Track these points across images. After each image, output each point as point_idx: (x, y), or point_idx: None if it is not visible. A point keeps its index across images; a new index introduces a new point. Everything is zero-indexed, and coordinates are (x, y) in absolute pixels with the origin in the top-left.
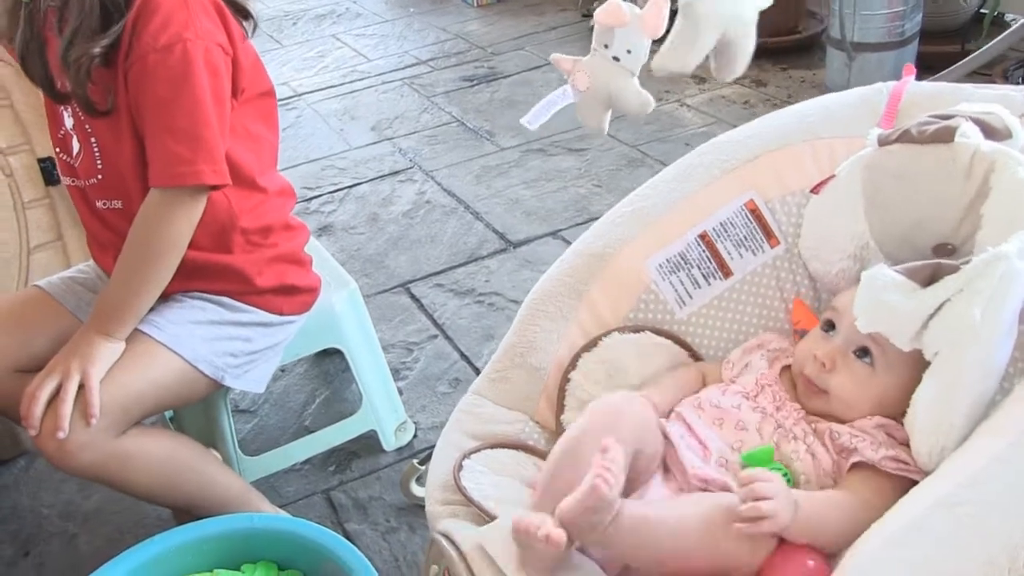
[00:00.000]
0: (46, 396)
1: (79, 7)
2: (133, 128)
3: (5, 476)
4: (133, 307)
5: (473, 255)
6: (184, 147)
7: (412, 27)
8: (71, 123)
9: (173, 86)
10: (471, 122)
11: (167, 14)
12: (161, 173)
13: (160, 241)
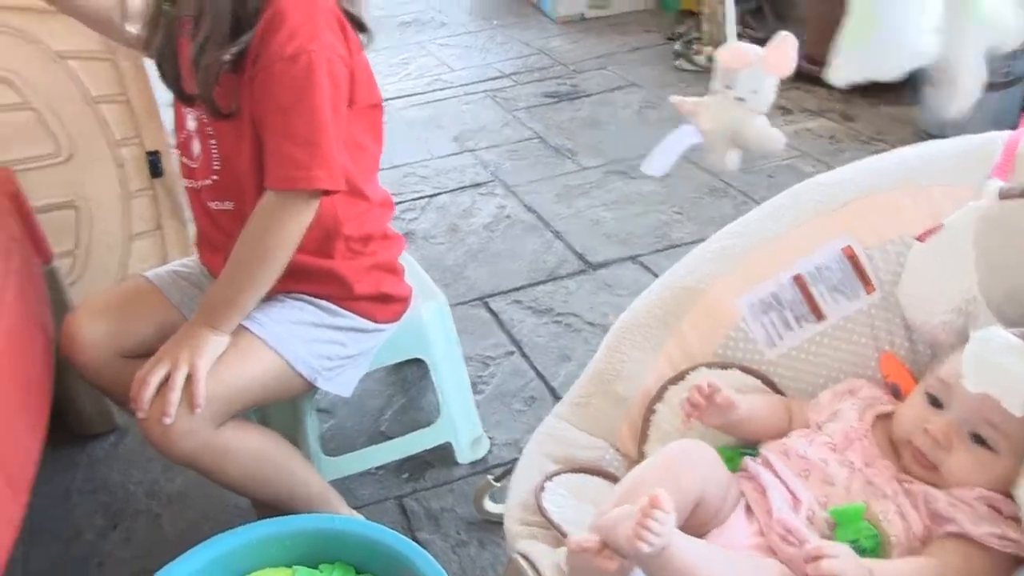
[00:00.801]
0: (156, 382)
1: (212, 17)
2: (253, 132)
3: (97, 450)
4: (240, 303)
5: (552, 274)
6: (301, 152)
7: (495, 39)
8: (194, 125)
9: (295, 94)
10: (553, 139)
11: (294, 26)
12: (277, 176)
13: (271, 241)
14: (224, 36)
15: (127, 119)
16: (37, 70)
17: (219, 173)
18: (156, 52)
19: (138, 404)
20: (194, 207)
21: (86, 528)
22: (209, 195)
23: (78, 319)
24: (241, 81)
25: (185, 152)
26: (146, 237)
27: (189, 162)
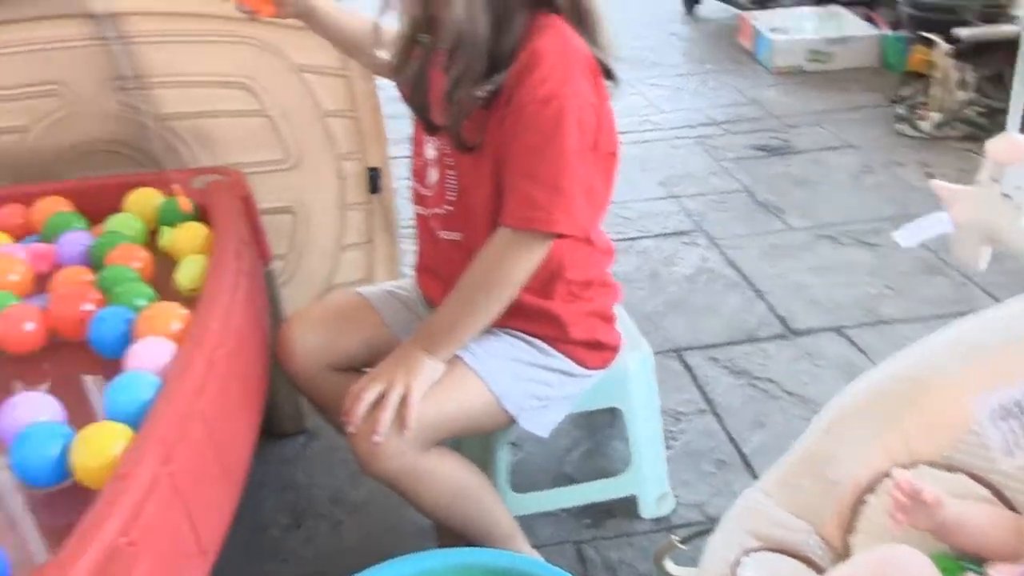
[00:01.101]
0: (371, 399)
1: (469, 53)
2: (494, 167)
3: (287, 449)
4: (460, 333)
5: (752, 335)
6: (544, 194)
7: (707, 84)
8: (433, 155)
9: (544, 137)
10: (761, 194)
11: (549, 70)
12: (516, 215)
13: (500, 277)
14: (479, 73)
15: (353, 135)
16: (276, 80)
17: (453, 204)
18: (408, 81)
19: (350, 419)
20: (420, 233)
21: (271, 523)
22: (439, 224)
23: (294, 327)
24: (489, 117)
25: (419, 179)
26: (356, 249)
27: (422, 189)
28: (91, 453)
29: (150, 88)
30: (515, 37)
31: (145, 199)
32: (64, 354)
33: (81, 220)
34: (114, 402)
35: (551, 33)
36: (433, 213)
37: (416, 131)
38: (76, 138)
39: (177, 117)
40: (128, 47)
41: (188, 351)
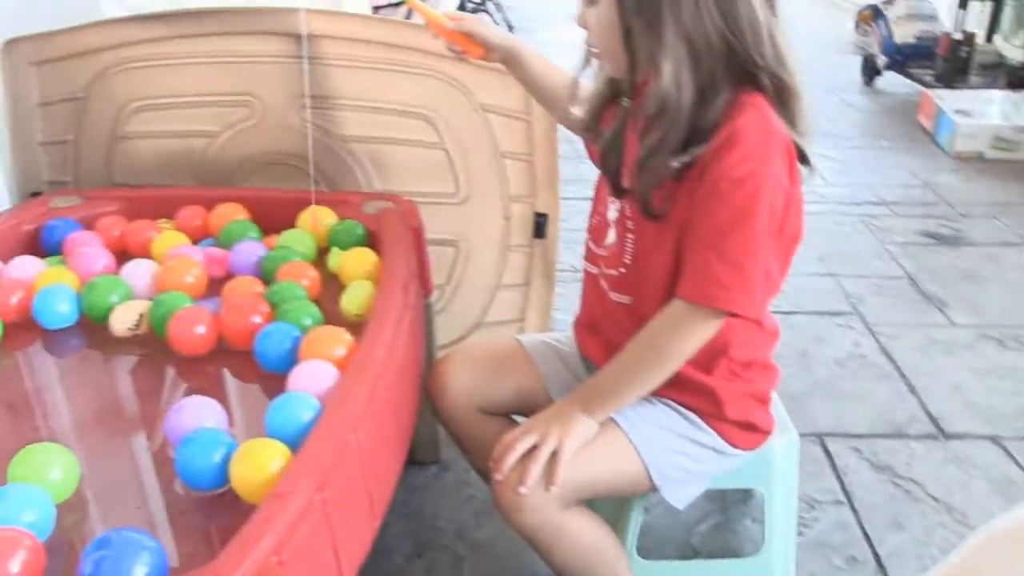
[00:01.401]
0: (522, 450)
1: (670, 123)
2: (677, 238)
3: (418, 477)
4: (621, 398)
5: (899, 431)
6: (727, 273)
7: (880, 161)
8: (614, 216)
9: (735, 215)
10: (924, 284)
11: (748, 149)
12: (695, 289)
13: (670, 348)
14: (677, 144)
15: (526, 178)
16: (458, 116)
17: (628, 267)
18: (604, 142)
19: (499, 467)
20: (587, 290)
21: (395, 549)
22: (610, 284)
23: (450, 365)
24: (679, 188)
25: (596, 238)
26: (512, 290)
27: (597, 248)
28: (250, 467)
29: (335, 109)
30: (717, 112)
31: (319, 217)
32: (229, 361)
33: (256, 230)
34: (275, 420)
35: (753, 112)
36: (606, 273)
37: (599, 190)
38: (258, 149)
39: (357, 140)
40: (319, 68)
41: (351, 379)
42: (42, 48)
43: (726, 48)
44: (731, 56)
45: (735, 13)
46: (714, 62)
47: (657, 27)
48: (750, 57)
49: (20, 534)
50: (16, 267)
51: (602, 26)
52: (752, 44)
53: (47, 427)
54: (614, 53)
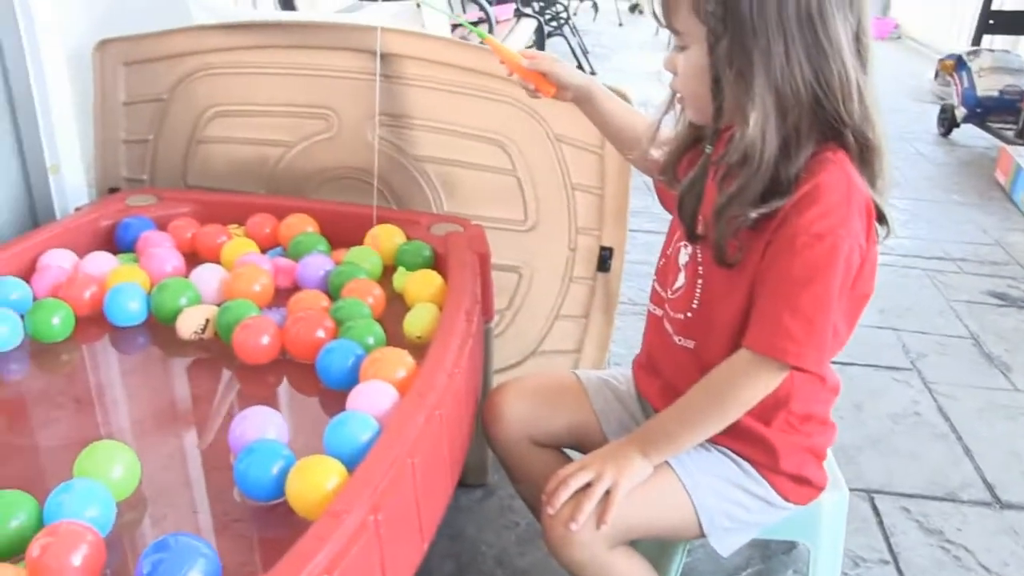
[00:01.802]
0: (576, 487)
1: (751, 173)
2: (748, 288)
3: (463, 500)
4: (679, 442)
5: (952, 494)
6: (798, 328)
7: (950, 216)
8: (685, 260)
9: (810, 271)
10: (989, 346)
11: (828, 206)
12: (764, 341)
13: (733, 397)
14: (756, 194)
15: (594, 211)
16: (532, 145)
17: (695, 312)
18: (682, 187)
19: (551, 501)
20: (651, 331)
21: (436, 570)
22: (675, 328)
23: (506, 394)
24: (755, 238)
25: (663, 280)
26: (571, 321)
27: (663, 291)
28: (307, 483)
29: (410, 128)
30: (799, 165)
31: (387, 235)
32: (290, 372)
33: (326, 244)
34: (334, 438)
35: (835, 169)
36: (671, 317)
37: (670, 233)
38: (331, 162)
39: (429, 160)
40: (397, 86)
41: (411, 403)
42: (132, 49)
43: (814, 102)
44: (818, 111)
45: (826, 68)
46: (801, 116)
47: (747, 77)
48: (837, 113)
49: (84, 529)
50: (91, 262)
51: (691, 72)
52: (840, 100)
53: (110, 424)
54: (700, 100)
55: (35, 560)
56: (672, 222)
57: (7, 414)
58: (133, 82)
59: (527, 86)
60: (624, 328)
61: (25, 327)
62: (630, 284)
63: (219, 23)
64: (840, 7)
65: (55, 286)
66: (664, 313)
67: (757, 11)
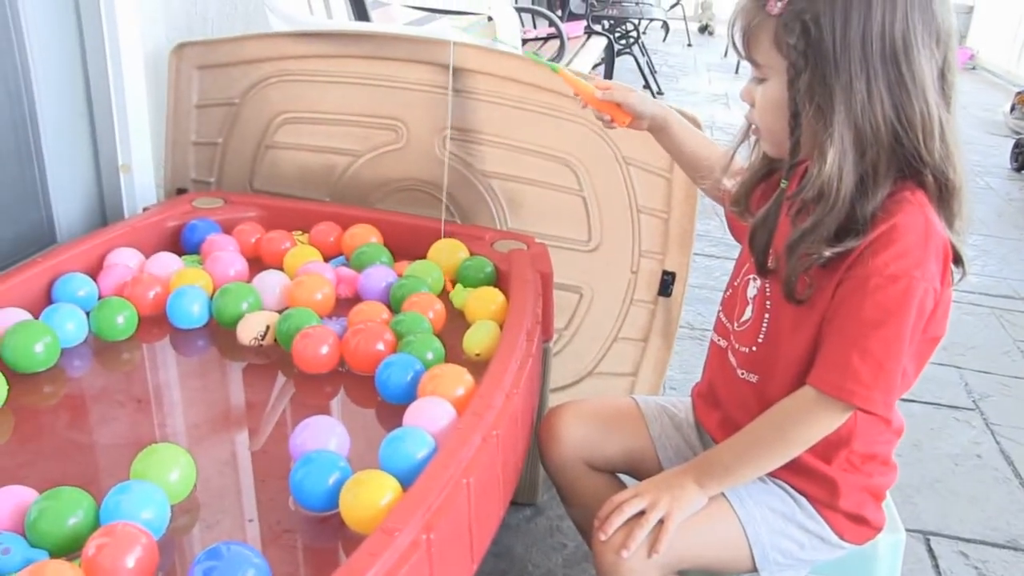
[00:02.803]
0: (630, 513)
1: (827, 210)
2: (816, 325)
3: (512, 518)
4: (736, 476)
5: (1014, 541)
6: (867, 370)
7: (1020, 254)
8: (753, 293)
9: (883, 313)
10: None
11: (905, 248)
12: (831, 381)
13: (795, 434)
14: (830, 232)
15: (659, 234)
16: (600, 166)
17: (760, 347)
18: (755, 220)
19: (604, 528)
20: (712, 362)
21: None
22: (739, 361)
23: (564, 416)
24: (826, 276)
25: (729, 312)
26: (629, 344)
27: (729, 323)
28: (361, 498)
29: (478, 143)
30: (876, 204)
31: (451, 250)
32: (347, 383)
33: (389, 256)
34: (389, 453)
35: (913, 210)
36: (736, 349)
37: (739, 265)
38: (398, 174)
39: (496, 176)
40: (467, 101)
41: (468, 422)
42: (208, 53)
43: (894, 140)
44: (897, 148)
45: (908, 106)
46: (879, 153)
47: (827, 113)
48: (917, 152)
49: (139, 531)
50: (156, 263)
51: (769, 106)
52: (921, 139)
53: (167, 426)
54: (777, 133)
55: (90, 559)
56: (741, 253)
57: (69, 410)
58: (207, 85)
59: (603, 117)
60: (681, 352)
61: (90, 324)
62: (688, 308)
63: (294, 31)
64: (927, 43)
65: (120, 285)
66: (728, 345)
67: (840, 46)
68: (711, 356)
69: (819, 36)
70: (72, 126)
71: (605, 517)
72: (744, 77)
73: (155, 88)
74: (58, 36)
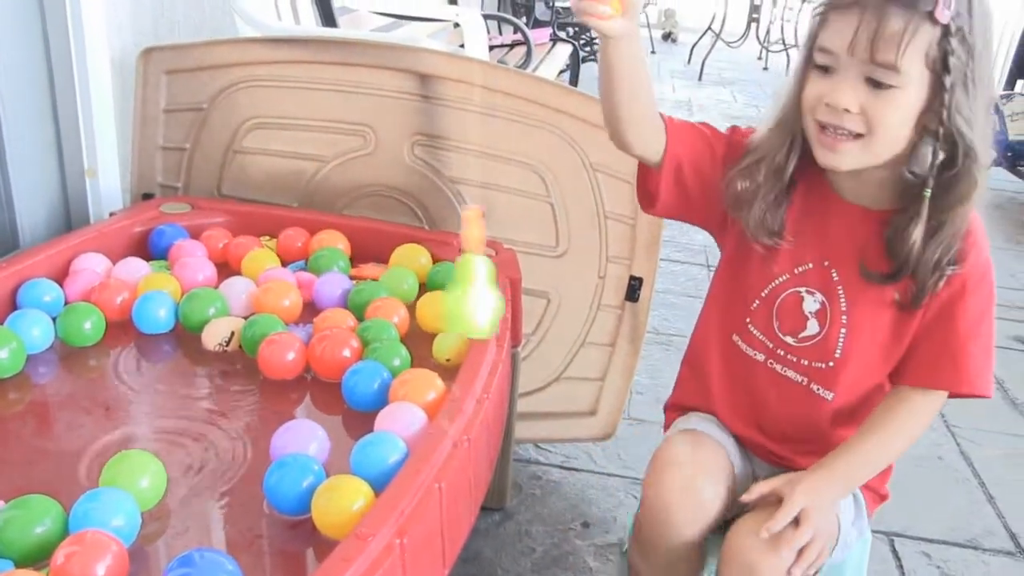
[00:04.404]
0: (798, 546)
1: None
2: (903, 333)
3: (481, 522)
4: (861, 483)
5: (973, 542)
6: (984, 361)
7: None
8: (815, 307)
9: (984, 306)
10: (1014, 392)
11: (982, 246)
12: (946, 378)
13: (910, 436)
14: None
15: (626, 240)
16: (568, 172)
17: (838, 361)
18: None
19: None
20: (743, 377)
21: None
22: (814, 378)
23: (694, 477)
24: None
25: (765, 326)
26: (597, 348)
27: (770, 337)
28: (333, 503)
29: (447, 150)
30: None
31: (413, 256)
32: (313, 390)
33: (346, 260)
34: (361, 458)
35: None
36: (799, 364)
37: (763, 278)
38: (367, 179)
39: (464, 183)
40: (436, 108)
41: (439, 427)
42: (176, 58)
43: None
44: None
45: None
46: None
47: (972, 124)
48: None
49: (109, 539)
50: (124, 268)
51: (901, 114)
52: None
53: (135, 432)
54: (899, 141)
55: (59, 568)
56: (752, 263)
57: (35, 417)
58: (175, 90)
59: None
60: (647, 358)
61: (56, 330)
62: (654, 313)
63: (263, 36)
64: None
65: (88, 290)
66: (772, 357)
67: (983, 61)
68: (753, 375)
69: (972, 49)
70: (37, 130)
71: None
72: (709, 85)
73: (122, 93)
74: (23, 40)
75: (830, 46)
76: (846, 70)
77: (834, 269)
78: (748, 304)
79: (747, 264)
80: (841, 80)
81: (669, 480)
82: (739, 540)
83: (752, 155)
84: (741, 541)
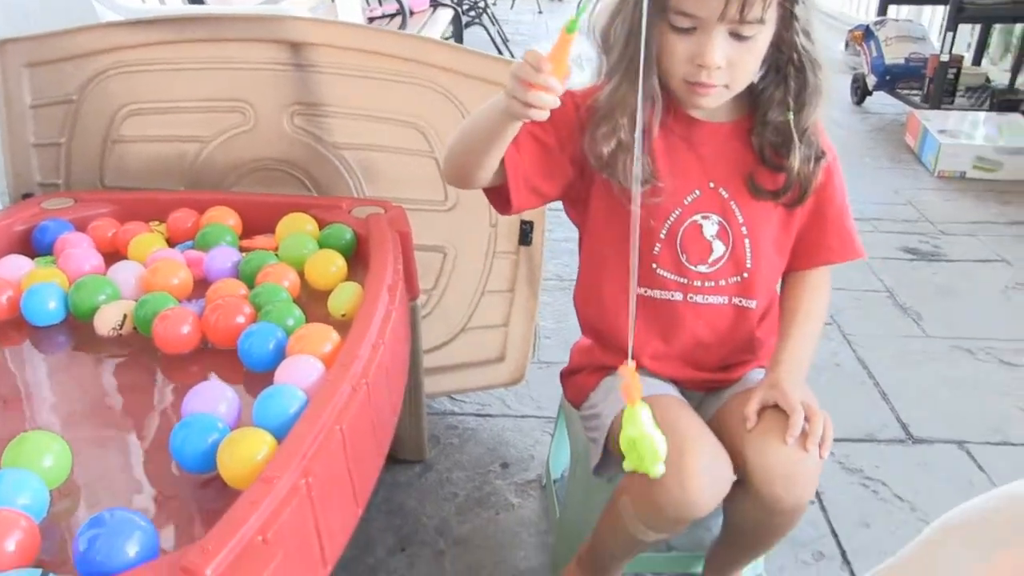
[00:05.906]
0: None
1: (813, 113)
2: (792, 223)
3: (402, 476)
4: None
5: (871, 435)
6: (853, 227)
7: (863, 179)
8: (714, 231)
9: (841, 180)
10: (902, 298)
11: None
12: (845, 250)
13: (826, 310)
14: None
15: None
16: (447, 125)
17: (751, 271)
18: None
19: (794, 433)
20: (661, 321)
21: (378, 543)
22: (735, 292)
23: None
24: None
25: (673, 263)
26: (497, 295)
27: (682, 272)
28: (237, 454)
29: (327, 116)
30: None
31: (297, 224)
32: (213, 359)
33: (233, 235)
34: (262, 411)
35: None
36: (718, 287)
37: (653, 219)
38: (250, 155)
39: (348, 147)
40: (312, 75)
41: (336, 373)
42: (36, 49)
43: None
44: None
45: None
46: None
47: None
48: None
49: (16, 515)
50: (5, 267)
51: (759, 55)
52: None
53: (38, 419)
54: (750, 77)
55: None
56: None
57: None
58: (39, 84)
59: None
60: (552, 303)
61: None
62: (556, 261)
63: (126, 20)
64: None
65: None
66: (690, 289)
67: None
68: (651, 312)
69: None
70: None
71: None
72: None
73: None
74: None
75: (693, 11)
76: (711, 29)
77: (721, 188)
78: (650, 250)
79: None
80: (708, 40)
81: (691, 465)
82: (766, 461)
83: (608, 119)
84: (768, 460)
